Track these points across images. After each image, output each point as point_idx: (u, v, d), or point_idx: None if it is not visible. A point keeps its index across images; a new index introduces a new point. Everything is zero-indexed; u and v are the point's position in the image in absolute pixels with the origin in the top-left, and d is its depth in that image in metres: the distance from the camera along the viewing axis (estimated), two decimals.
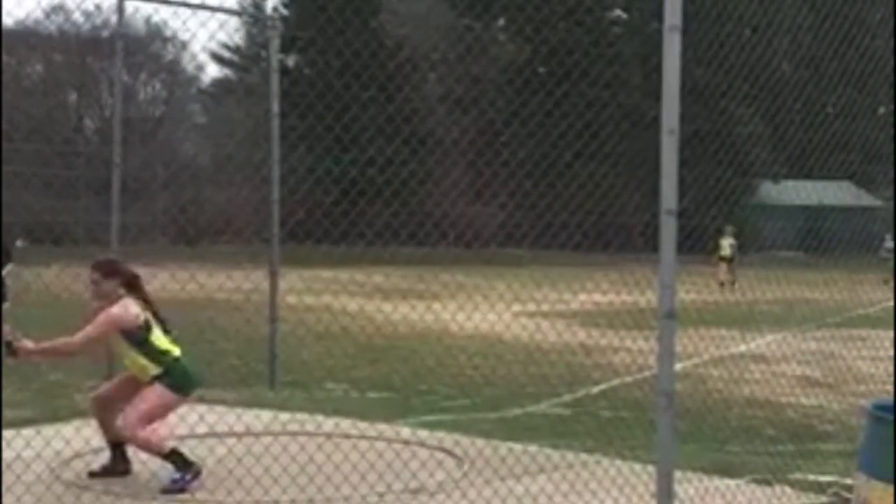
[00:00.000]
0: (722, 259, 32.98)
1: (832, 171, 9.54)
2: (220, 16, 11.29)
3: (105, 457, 8.02)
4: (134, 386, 7.83)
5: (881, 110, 12.10)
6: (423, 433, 9.69)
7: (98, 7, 48.54)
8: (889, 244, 34.59)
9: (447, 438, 9.40)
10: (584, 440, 9.47)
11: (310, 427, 9.69)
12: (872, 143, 9.56)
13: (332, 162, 21.94)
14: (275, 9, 45.92)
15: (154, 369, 7.75)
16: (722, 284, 29.76)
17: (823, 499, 7.60)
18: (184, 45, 53.77)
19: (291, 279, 16.14)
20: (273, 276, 12.01)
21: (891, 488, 4.74)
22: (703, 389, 12.12)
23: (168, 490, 7.49)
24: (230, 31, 52.54)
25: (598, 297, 15.13)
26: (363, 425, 9.82)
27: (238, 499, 7.22)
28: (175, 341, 7.96)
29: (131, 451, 8.07)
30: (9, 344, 7.12)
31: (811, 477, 8.16)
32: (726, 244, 33.65)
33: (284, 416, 10.16)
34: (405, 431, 9.76)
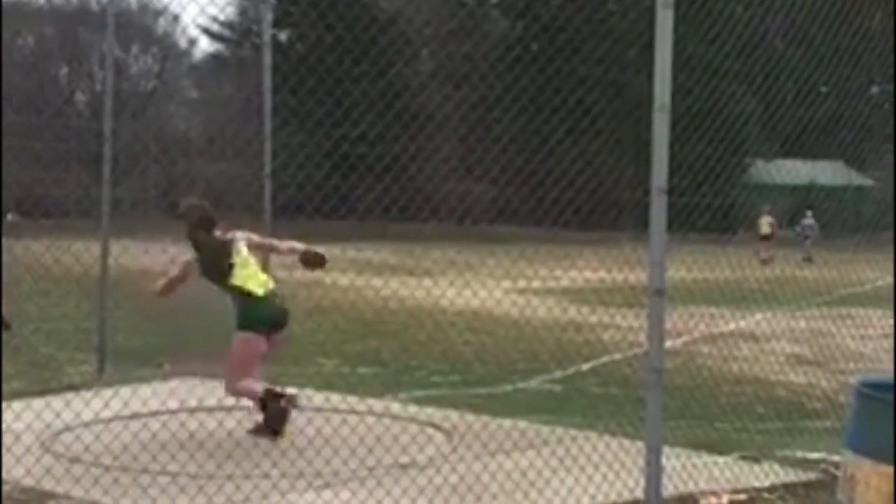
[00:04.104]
0: (762, 238, 33.27)
1: (824, 151, 9.54)
2: None
3: (94, 431, 8.05)
4: None
5: (874, 89, 12.10)
6: (414, 408, 9.72)
7: None
8: (808, 221, 34.42)
9: (437, 414, 9.43)
10: (573, 416, 9.50)
11: (300, 401, 9.70)
12: (865, 122, 9.55)
13: (323, 137, 21.88)
14: None
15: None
16: (763, 262, 30.04)
17: (811, 475, 7.64)
18: (175, 19, 53.58)
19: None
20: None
21: (880, 466, 4.76)
22: (693, 367, 12.17)
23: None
24: (222, 4, 52.23)
25: (588, 273, 15.16)
26: (353, 400, 9.84)
27: (228, 472, 7.23)
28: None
29: (122, 426, 8.10)
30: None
31: (799, 454, 8.21)
32: (765, 222, 33.85)
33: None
34: (395, 406, 9.78)
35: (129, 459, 7.59)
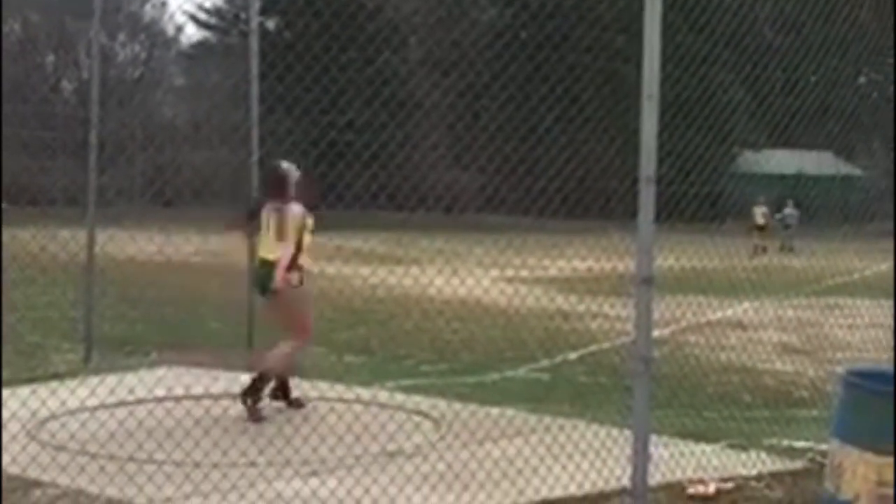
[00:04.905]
0: (757, 227, 34.31)
1: (812, 141, 9.52)
2: None
3: (80, 419, 8.02)
4: None
5: (862, 79, 12.10)
6: (401, 397, 9.71)
7: None
8: (789, 210, 35.28)
9: (424, 402, 9.42)
10: (560, 405, 9.50)
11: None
12: (853, 112, 9.56)
13: (310, 124, 21.82)
14: None
15: None
16: (756, 249, 30.76)
17: (798, 464, 7.65)
18: (163, 6, 53.45)
19: None
20: (251, 239, 11.95)
21: (867, 454, 4.77)
22: (681, 355, 12.18)
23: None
24: None
25: (576, 262, 15.15)
26: (340, 388, 9.83)
27: (214, 460, 7.21)
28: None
29: (109, 414, 8.07)
30: None
31: (786, 442, 8.22)
32: (759, 213, 34.77)
33: None
34: (383, 395, 9.77)
35: (115, 447, 7.56)
